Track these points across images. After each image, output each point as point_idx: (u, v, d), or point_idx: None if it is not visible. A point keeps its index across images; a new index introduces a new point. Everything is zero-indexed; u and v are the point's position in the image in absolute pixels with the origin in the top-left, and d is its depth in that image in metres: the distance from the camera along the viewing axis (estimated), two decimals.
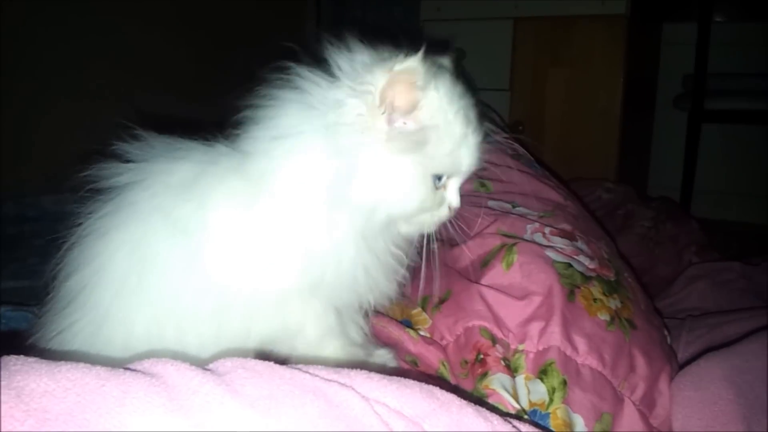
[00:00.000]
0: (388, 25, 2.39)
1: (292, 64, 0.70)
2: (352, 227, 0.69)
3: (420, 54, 0.65)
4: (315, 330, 0.74)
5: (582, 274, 0.90)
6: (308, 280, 0.70)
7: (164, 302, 0.68)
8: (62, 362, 0.45)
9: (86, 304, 0.69)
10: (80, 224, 0.72)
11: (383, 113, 0.66)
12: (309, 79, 0.69)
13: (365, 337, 0.81)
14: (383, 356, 0.80)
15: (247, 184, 0.69)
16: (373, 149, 0.66)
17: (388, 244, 0.74)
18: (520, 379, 0.79)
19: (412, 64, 0.64)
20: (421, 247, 0.76)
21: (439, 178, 0.71)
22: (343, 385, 0.49)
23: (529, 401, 0.77)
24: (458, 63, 0.73)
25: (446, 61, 0.76)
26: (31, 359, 0.45)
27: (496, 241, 0.94)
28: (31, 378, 0.42)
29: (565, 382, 0.78)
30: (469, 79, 0.75)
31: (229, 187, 0.70)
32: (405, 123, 0.67)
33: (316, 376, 0.50)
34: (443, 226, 0.77)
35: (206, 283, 0.68)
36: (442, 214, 0.74)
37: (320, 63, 0.70)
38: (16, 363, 0.44)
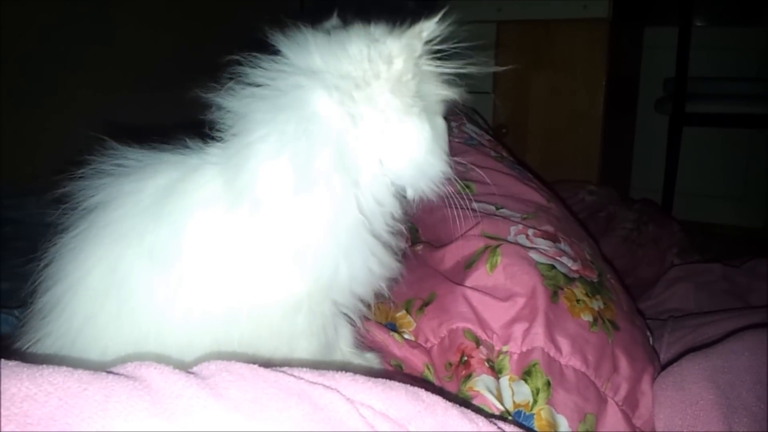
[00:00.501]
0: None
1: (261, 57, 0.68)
2: (355, 218, 0.68)
3: (431, 23, 0.68)
4: (307, 349, 0.72)
5: (565, 275, 0.91)
6: (313, 282, 0.68)
7: (146, 326, 0.66)
8: (44, 366, 0.44)
9: (60, 318, 0.68)
10: (56, 239, 0.70)
11: (406, 85, 0.67)
12: (289, 79, 0.67)
13: (353, 342, 0.80)
14: (371, 360, 0.80)
15: (226, 196, 0.66)
16: (414, 116, 0.68)
17: (388, 222, 0.73)
18: (504, 380, 0.80)
19: (432, 29, 0.68)
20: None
21: None
22: (328, 387, 0.49)
23: (513, 402, 0.77)
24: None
25: None
26: (11, 363, 0.44)
27: (480, 243, 0.94)
28: (12, 382, 0.42)
29: (548, 383, 0.78)
30: None
31: (205, 210, 0.66)
32: (411, 92, 0.68)
33: (301, 378, 0.50)
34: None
35: (194, 311, 0.66)
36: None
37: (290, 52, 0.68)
38: None
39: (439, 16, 0.68)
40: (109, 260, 0.67)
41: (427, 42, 0.69)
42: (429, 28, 0.68)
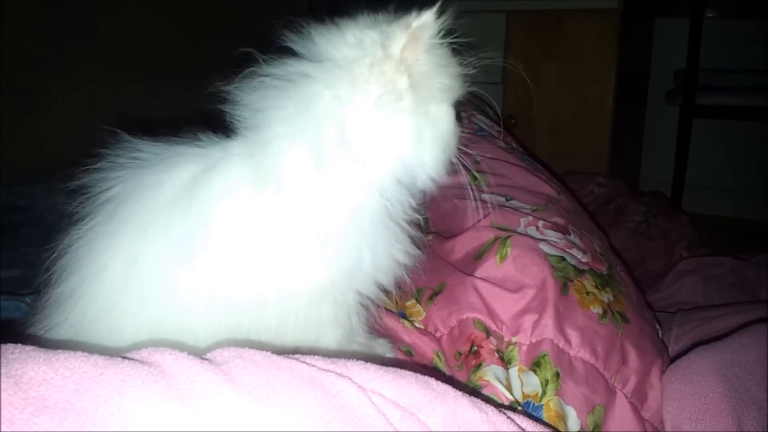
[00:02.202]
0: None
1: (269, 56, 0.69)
2: (377, 206, 0.69)
3: (434, 9, 0.67)
4: (333, 336, 0.73)
5: (575, 267, 0.91)
6: (339, 270, 0.69)
7: (170, 319, 0.66)
8: (60, 351, 0.45)
9: (74, 308, 0.68)
10: (71, 229, 0.70)
11: (404, 71, 0.67)
12: (304, 67, 0.69)
13: (366, 328, 0.81)
14: (384, 345, 0.80)
15: (254, 188, 0.67)
16: (409, 105, 0.68)
17: (406, 210, 0.74)
18: (514, 371, 0.80)
19: (429, 18, 0.67)
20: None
21: None
22: (340, 375, 0.49)
23: (523, 393, 0.77)
24: None
25: None
26: (29, 348, 0.45)
27: (490, 234, 0.94)
28: (30, 366, 0.42)
29: (558, 375, 0.78)
30: None
31: (233, 199, 0.67)
32: (424, 72, 0.69)
33: (314, 366, 0.50)
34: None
35: (218, 302, 0.67)
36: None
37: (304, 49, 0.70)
38: (14, 351, 0.44)
39: (436, 6, 0.68)
40: (130, 253, 0.67)
41: (431, 32, 0.69)
42: (424, 17, 0.67)
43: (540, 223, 0.98)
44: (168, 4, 2.03)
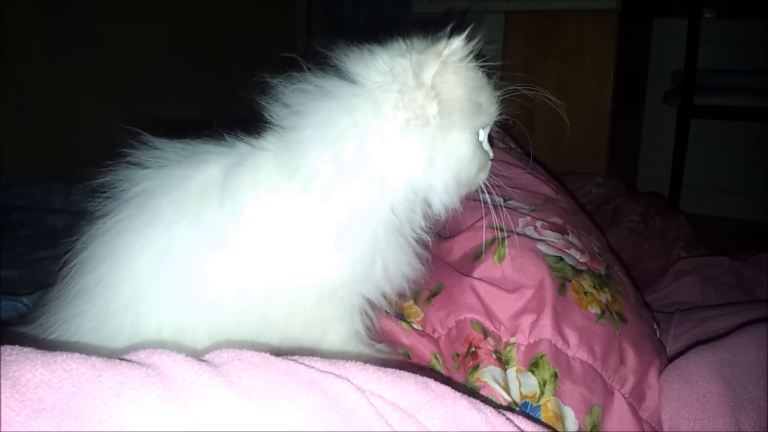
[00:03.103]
0: (380, 19, 2.38)
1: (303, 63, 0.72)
2: (392, 221, 0.72)
3: (464, 35, 0.70)
4: (338, 333, 0.75)
5: (573, 267, 0.91)
6: (356, 272, 0.71)
7: (199, 309, 0.68)
8: (58, 352, 0.44)
9: (96, 299, 0.68)
10: (93, 225, 0.71)
11: (434, 98, 0.69)
12: (336, 85, 0.71)
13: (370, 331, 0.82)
14: (383, 350, 0.80)
15: (282, 181, 0.70)
16: (431, 132, 0.70)
17: (415, 229, 0.77)
18: (512, 371, 0.80)
19: (459, 44, 0.70)
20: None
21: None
22: (338, 376, 0.49)
23: (521, 393, 0.77)
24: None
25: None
26: (26, 349, 0.45)
27: (488, 235, 0.94)
28: (27, 368, 0.42)
29: (556, 375, 0.78)
30: None
31: (262, 187, 0.70)
32: (451, 98, 0.71)
33: (312, 367, 0.50)
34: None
35: (247, 290, 0.69)
36: (486, 166, 0.79)
37: (324, 63, 0.73)
38: (11, 353, 0.44)
39: (467, 32, 0.70)
40: (160, 244, 0.68)
41: (461, 57, 0.71)
42: (455, 44, 0.70)
43: (538, 224, 0.98)
44: (166, 7, 2.03)
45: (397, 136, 0.69)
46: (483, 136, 0.78)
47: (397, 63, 0.70)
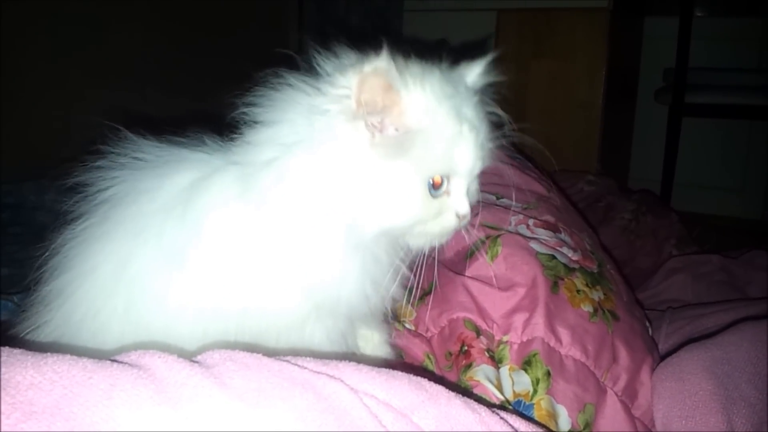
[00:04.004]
0: (371, 17, 2.37)
1: (282, 70, 0.67)
2: (350, 243, 0.66)
3: (385, 53, 0.60)
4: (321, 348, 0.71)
5: (565, 265, 0.91)
6: (313, 301, 0.68)
7: (156, 326, 0.65)
8: (48, 354, 0.44)
9: (61, 308, 0.68)
10: (65, 227, 0.70)
11: (362, 118, 0.62)
12: (298, 88, 0.66)
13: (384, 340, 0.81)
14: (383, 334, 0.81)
15: (244, 203, 0.66)
16: (356, 157, 0.63)
17: (395, 253, 0.71)
18: (505, 370, 0.80)
19: (381, 63, 0.60)
20: (426, 259, 0.72)
21: (435, 184, 0.66)
22: (331, 377, 0.49)
23: (513, 392, 0.77)
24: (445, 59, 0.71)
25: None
26: (16, 351, 0.44)
27: (481, 233, 0.94)
28: (17, 370, 0.42)
29: (548, 373, 0.78)
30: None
31: (224, 209, 0.66)
32: (388, 126, 0.63)
33: (305, 368, 0.50)
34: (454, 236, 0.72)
35: (206, 311, 0.66)
36: (448, 222, 0.69)
37: (309, 66, 0.68)
38: (0, 355, 0.43)
39: (385, 49, 0.61)
40: (121, 256, 0.67)
41: (389, 78, 0.62)
42: (377, 61, 0.61)
43: (530, 222, 0.98)
44: (157, 4, 2.02)
45: (322, 155, 0.63)
46: (456, 187, 0.68)
47: (339, 77, 0.63)
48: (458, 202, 0.68)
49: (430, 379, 0.52)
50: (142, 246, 0.66)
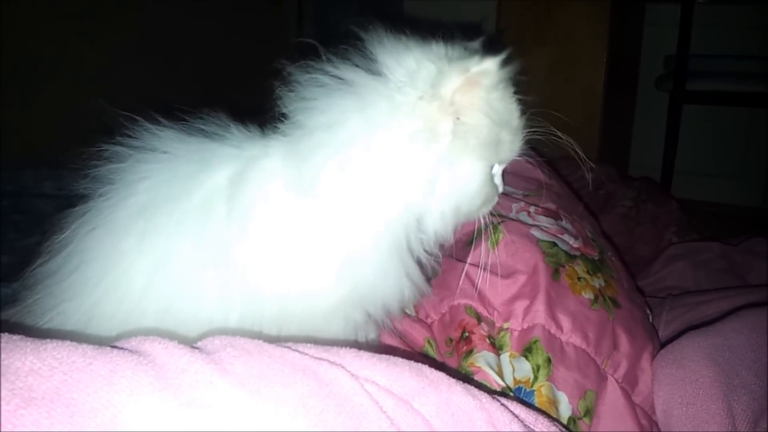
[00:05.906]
0: (371, 2, 2.36)
1: (327, 60, 0.66)
2: (401, 241, 0.68)
3: (500, 57, 0.64)
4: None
5: (566, 253, 0.90)
6: (357, 296, 0.68)
7: (193, 322, 0.64)
8: (48, 340, 0.44)
9: (85, 299, 0.66)
10: (85, 212, 0.68)
11: (452, 114, 0.64)
12: (357, 75, 0.65)
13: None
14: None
15: (294, 194, 0.65)
16: (438, 151, 0.64)
17: (423, 247, 0.73)
18: (505, 356, 0.80)
19: (491, 66, 0.64)
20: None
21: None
22: (332, 363, 0.49)
23: (514, 379, 0.77)
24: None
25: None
26: (15, 337, 0.44)
27: (481, 220, 0.94)
28: (16, 356, 0.42)
29: (549, 360, 0.78)
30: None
31: (271, 201, 0.66)
32: (473, 123, 0.65)
33: (306, 354, 0.50)
34: None
35: (245, 305, 0.66)
36: (493, 200, 0.75)
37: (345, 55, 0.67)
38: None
39: (503, 54, 0.65)
40: (157, 254, 0.65)
41: (492, 82, 0.66)
42: (486, 64, 0.64)
43: (532, 209, 0.98)
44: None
45: (402, 148, 0.64)
46: (497, 169, 0.74)
47: (423, 66, 0.65)
48: (500, 182, 0.76)
49: (430, 366, 0.52)
50: (181, 244, 0.65)
